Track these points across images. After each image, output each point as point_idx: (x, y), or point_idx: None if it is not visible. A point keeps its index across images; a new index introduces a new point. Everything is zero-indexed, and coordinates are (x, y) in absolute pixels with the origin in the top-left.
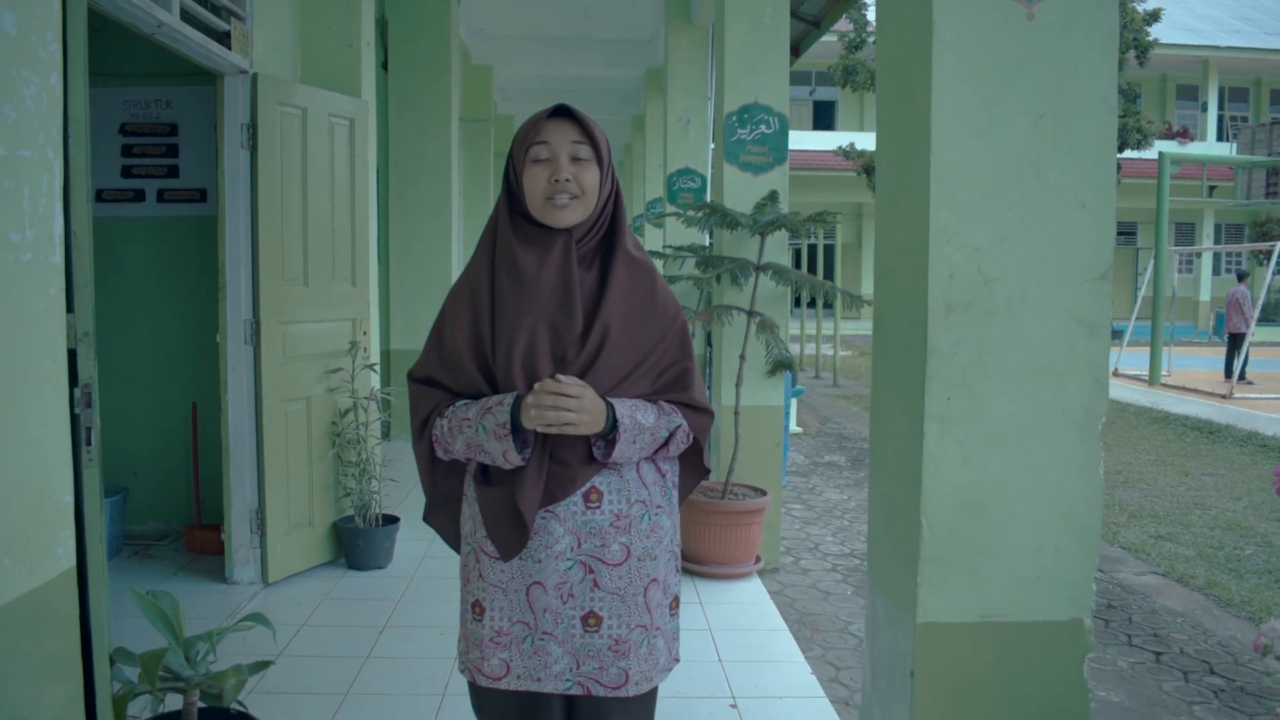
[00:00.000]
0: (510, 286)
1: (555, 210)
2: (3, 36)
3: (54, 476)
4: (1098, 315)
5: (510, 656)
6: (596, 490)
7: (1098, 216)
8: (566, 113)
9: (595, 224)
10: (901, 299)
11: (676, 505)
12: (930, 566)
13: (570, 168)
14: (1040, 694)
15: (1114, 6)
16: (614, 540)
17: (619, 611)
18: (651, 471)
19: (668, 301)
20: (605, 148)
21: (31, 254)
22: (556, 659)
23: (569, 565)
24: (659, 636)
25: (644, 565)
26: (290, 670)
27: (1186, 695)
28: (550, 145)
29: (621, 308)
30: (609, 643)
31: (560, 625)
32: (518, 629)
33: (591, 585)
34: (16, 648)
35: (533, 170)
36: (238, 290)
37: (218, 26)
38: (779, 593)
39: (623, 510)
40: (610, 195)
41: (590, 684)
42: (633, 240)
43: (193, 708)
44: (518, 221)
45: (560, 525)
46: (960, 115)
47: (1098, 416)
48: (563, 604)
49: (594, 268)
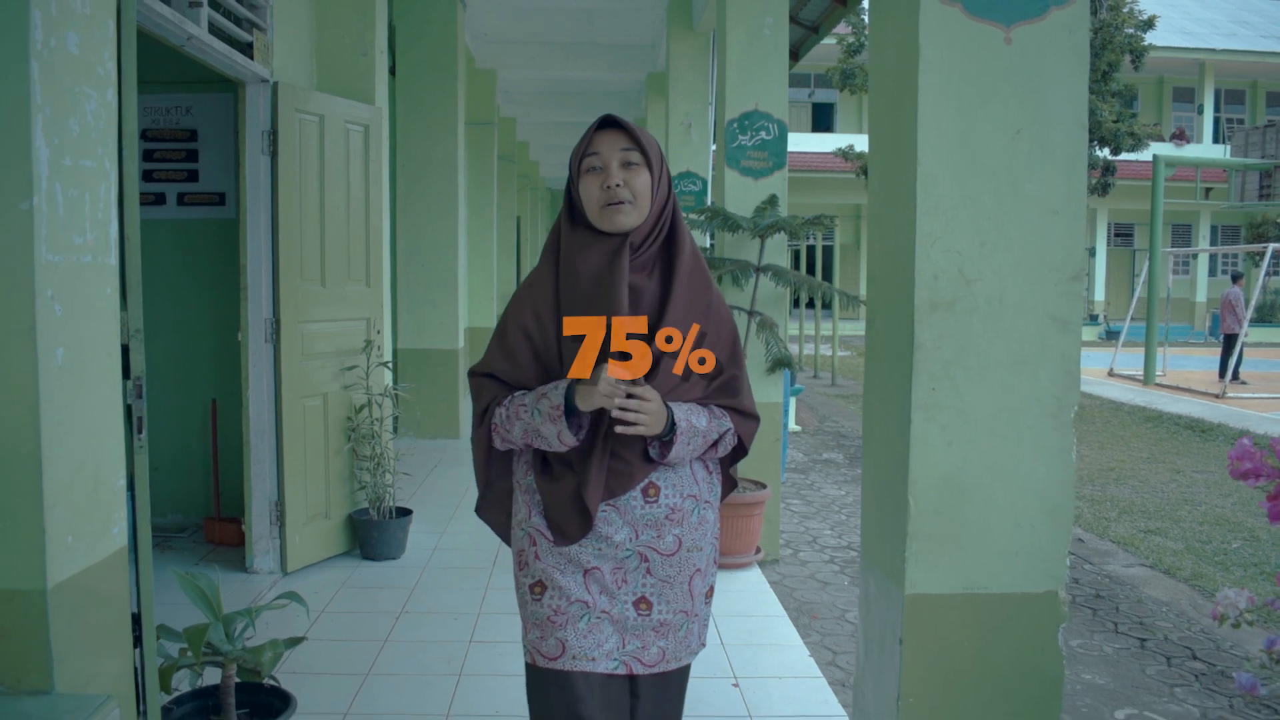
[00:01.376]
0: (571, 289)
1: (610, 216)
2: (67, 56)
3: (110, 462)
4: (1069, 313)
5: (566, 636)
6: (655, 486)
7: (1069, 223)
8: (615, 123)
9: (654, 230)
10: (891, 298)
11: (719, 501)
12: (917, 542)
13: (620, 174)
14: (1018, 660)
15: (1085, 33)
16: (668, 532)
17: (667, 597)
18: (701, 469)
19: (722, 309)
20: (656, 155)
21: (92, 256)
22: (608, 637)
23: (627, 554)
24: (695, 622)
25: (691, 556)
26: (313, 653)
27: (1168, 678)
28: (601, 155)
29: (681, 315)
30: (655, 625)
31: (615, 607)
32: (575, 608)
33: (645, 573)
34: (77, 620)
35: (587, 180)
36: (259, 290)
37: (241, 38)
38: (778, 583)
39: (677, 504)
40: (667, 202)
41: (632, 663)
42: (692, 248)
43: (230, 680)
44: (578, 230)
45: (620, 517)
46: (944, 131)
47: (1070, 405)
48: (617, 589)
49: (655, 274)
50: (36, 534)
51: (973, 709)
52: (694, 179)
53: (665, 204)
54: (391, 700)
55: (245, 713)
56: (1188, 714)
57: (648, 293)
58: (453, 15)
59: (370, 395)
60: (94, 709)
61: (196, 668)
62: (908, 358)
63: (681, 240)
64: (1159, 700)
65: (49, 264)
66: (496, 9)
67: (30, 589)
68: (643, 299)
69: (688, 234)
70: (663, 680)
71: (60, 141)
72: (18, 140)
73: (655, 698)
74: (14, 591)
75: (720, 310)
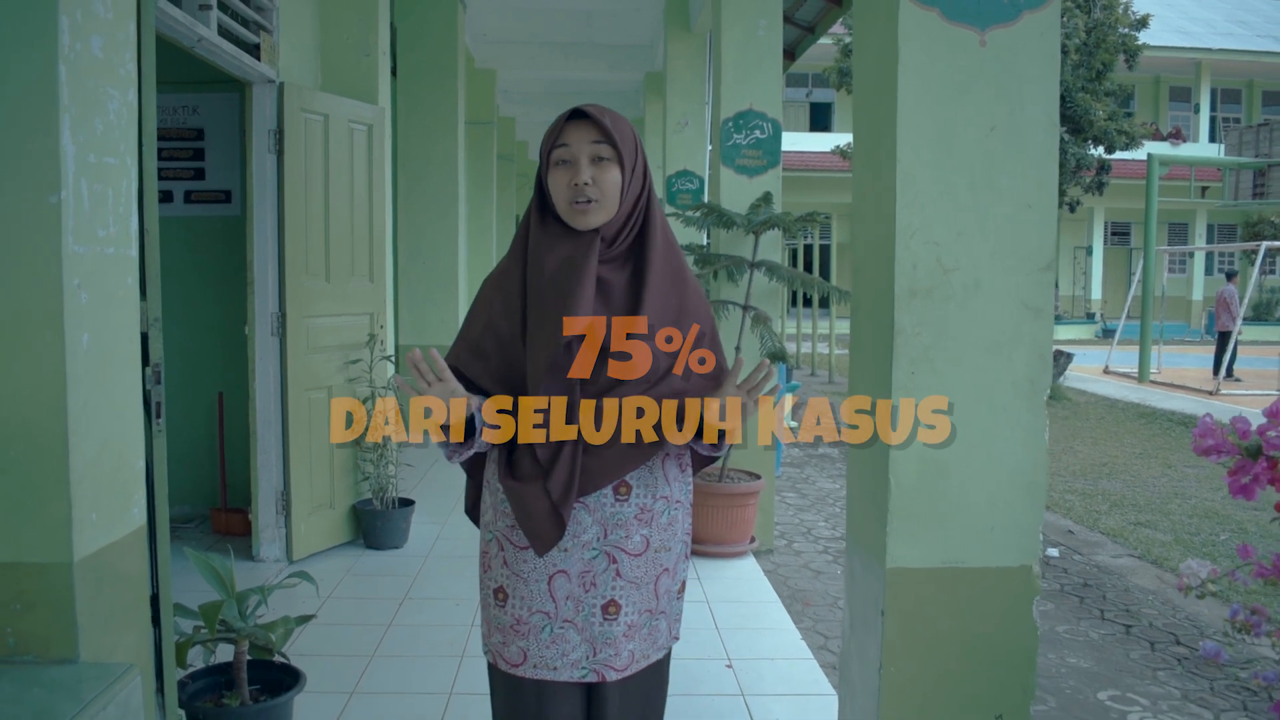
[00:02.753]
0: (539, 283)
1: (577, 213)
2: (92, 59)
3: (130, 444)
4: (1042, 300)
5: (528, 645)
6: (626, 484)
7: (1041, 216)
8: (585, 114)
9: (627, 224)
10: (873, 286)
11: (690, 500)
12: (897, 519)
13: (589, 170)
14: (994, 631)
15: (1056, 35)
16: (636, 532)
17: (635, 599)
18: (675, 468)
19: (699, 303)
20: (629, 148)
21: (114, 248)
22: (574, 646)
23: (594, 555)
24: (663, 619)
25: (659, 556)
26: (320, 635)
27: (1152, 663)
28: (570, 148)
29: (655, 310)
30: (624, 629)
31: (581, 613)
32: (537, 618)
33: (614, 575)
34: (100, 594)
35: (555, 173)
36: (265, 285)
37: (248, 39)
38: (773, 571)
39: (647, 504)
40: (641, 195)
41: (605, 670)
42: (667, 242)
43: (243, 656)
44: (548, 221)
45: (589, 515)
46: (922, 128)
47: (1042, 388)
48: (585, 592)
49: (628, 268)
50: (63, 511)
51: (951, 677)
52: (691, 177)
53: (639, 197)
54: (396, 680)
55: (256, 688)
56: (1169, 695)
57: (619, 287)
58: (453, 16)
59: (374, 388)
60: (117, 677)
61: (210, 644)
62: (888, 343)
63: (654, 234)
64: (1141, 683)
65: (75, 255)
66: (496, 10)
67: (57, 562)
68: (614, 294)
69: (663, 226)
70: (630, 683)
71: (86, 139)
72: (47, 138)
73: (632, 695)
74: (41, 565)
75: (698, 304)
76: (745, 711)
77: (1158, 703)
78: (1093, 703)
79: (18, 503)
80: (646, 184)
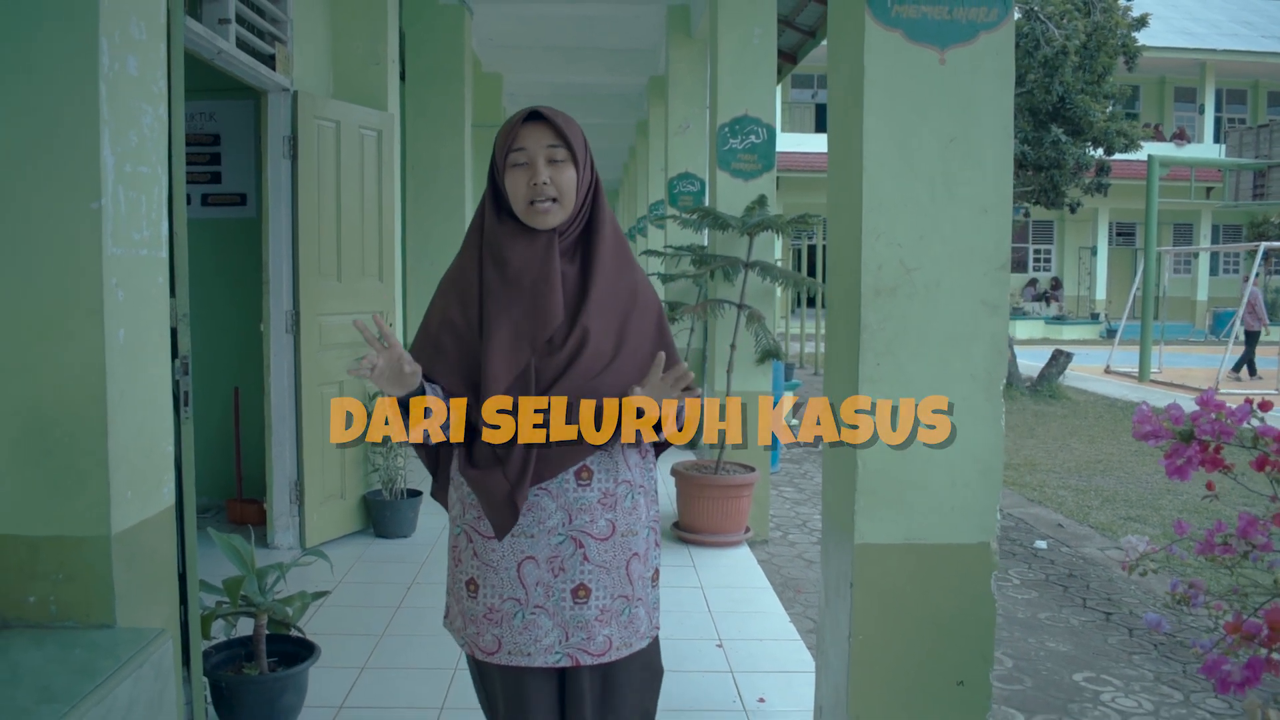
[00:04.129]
0: (497, 281)
1: (536, 214)
2: (128, 77)
3: (161, 430)
4: (998, 297)
5: (501, 633)
6: (588, 469)
7: (997, 219)
8: (541, 116)
9: (575, 218)
10: (843, 285)
11: (655, 485)
12: (864, 498)
13: (546, 171)
14: (954, 603)
15: (1010, 54)
16: (601, 516)
17: (605, 583)
18: (635, 454)
19: (646, 291)
20: (581, 146)
21: (147, 249)
22: (546, 632)
23: (560, 540)
24: (640, 606)
25: (627, 540)
26: (332, 616)
27: (1128, 647)
28: (527, 150)
29: (603, 299)
30: (595, 613)
31: (551, 598)
32: (509, 605)
33: (581, 559)
34: (134, 566)
35: (513, 175)
36: (280, 285)
37: (264, 50)
38: (766, 561)
39: (609, 489)
40: (589, 190)
41: (579, 654)
42: (613, 230)
43: (262, 630)
44: (504, 220)
45: (552, 501)
46: (886, 139)
47: (998, 378)
48: (554, 577)
49: (576, 260)
50: (102, 489)
51: (915, 645)
52: (692, 179)
53: (588, 191)
54: (405, 656)
55: (274, 660)
56: (1142, 677)
57: (569, 278)
58: (460, 22)
59: None
60: (151, 640)
61: (231, 618)
62: (856, 337)
63: (602, 225)
64: (1116, 665)
65: (113, 256)
66: (503, 16)
67: (96, 536)
68: (566, 284)
69: (610, 217)
70: (621, 669)
71: (122, 151)
72: (89, 150)
73: (618, 685)
74: (82, 538)
75: (646, 291)
76: (733, 687)
77: (1130, 684)
78: (1068, 683)
79: (61, 482)
80: (594, 177)
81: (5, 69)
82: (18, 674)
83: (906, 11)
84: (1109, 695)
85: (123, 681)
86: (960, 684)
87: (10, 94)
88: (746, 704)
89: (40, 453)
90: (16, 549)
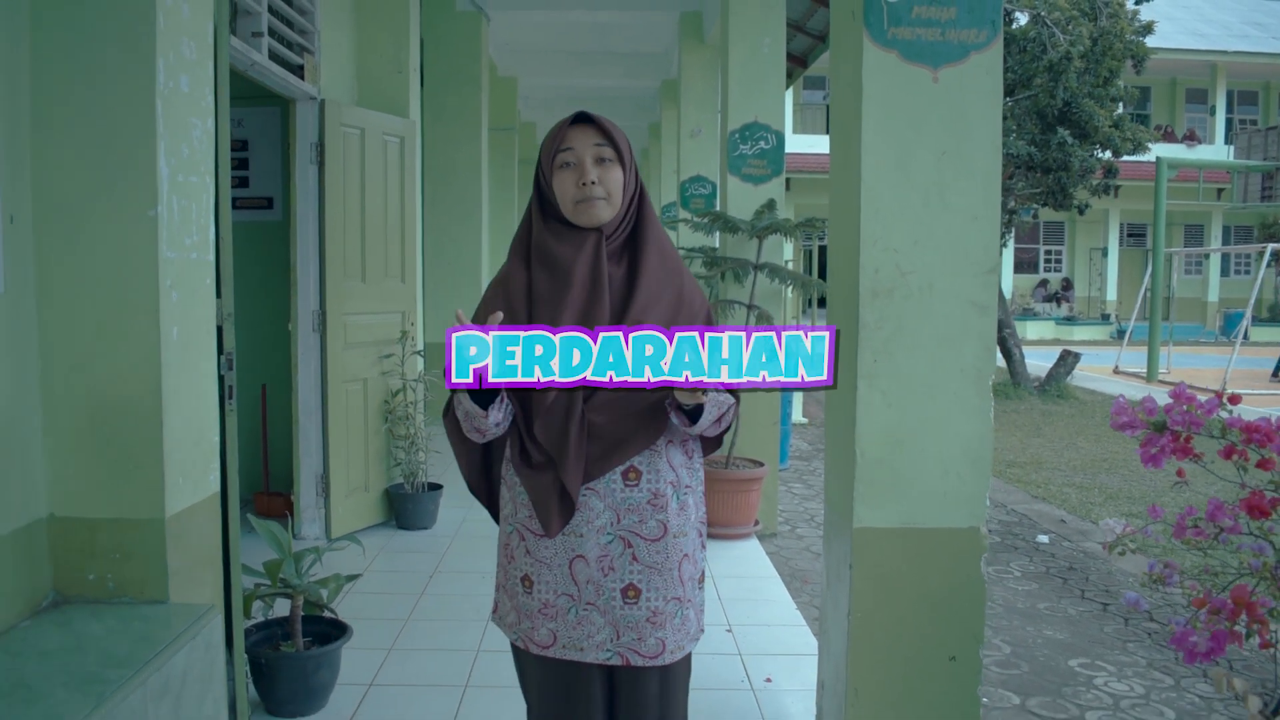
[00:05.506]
0: (545, 282)
1: (585, 211)
2: (180, 94)
3: (208, 421)
4: (987, 299)
5: (557, 627)
6: (635, 470)
7: (986, 227)
8: (587, 118)
9: (622, 221)
10: (843, 287)
11: (702, 486)
12: (863, 485)
13: (595, 170)
14: (946, 584)
15: (998, 73)
16: (651, 517)
17: (656, 584)
18: (679, 454)
19: (694, 293)
20: (627, 148)
21: (197, 253)
22: (599, 629)
23: (609, 540)
24: (690, 608)
25: (678, 541)
26: (359, 602)
27: (1123, 636)
28: (575, 150)
29: (649, 300)
30: (647, 614)
31: (602, 596)
32: (563, 601)
33: (630, 559)
34: (185, 547)
35: (560, 175)
36: (307, 285)
37: (293, 61)
38: (775, 553)
39: (659, 489)
40: (635, 193)
41: (629, 654)
42: (660, 235)
43: (298, 609)
44: (551, 223)
45: (600, 501)
46: (883, 152)
47: (987, 374)
48: (604, 576)
49: (623, 263)
50: (157, 475)
51: (910, 623)
52: (704, 182)
53: (634, 195)
54: (429, 639)
55: (309, 639)
56: (1135, 663)
57: (615, 280)
58: (477, 28)
59: (405, 381)
60: (202, 614)
61: (269, 600)
62: (854, 335)
63: (648, 228)
64: (1110, 653)
65: (168, 259)
66: (519, 22)
67: (152, 518)
68: (613, 287)
69: (655, 221)
70: (674, 670)
71: (176, 162)
72: (146, 161)
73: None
74: (139, 521)
75: (693, 293)
76: (742, 668)
77: (1124, 669)
78: (1063, 669)
79: (119, 469)
80: (639, 182)
81: (72, 89)
82: (83, 643)
83: (901, 33)
84: (1102, 680)
85: (178, 651)
86: (952, 659)
87: (76, 111)
88: (754, 684)
89: (101, 442)
90: (77, 530)
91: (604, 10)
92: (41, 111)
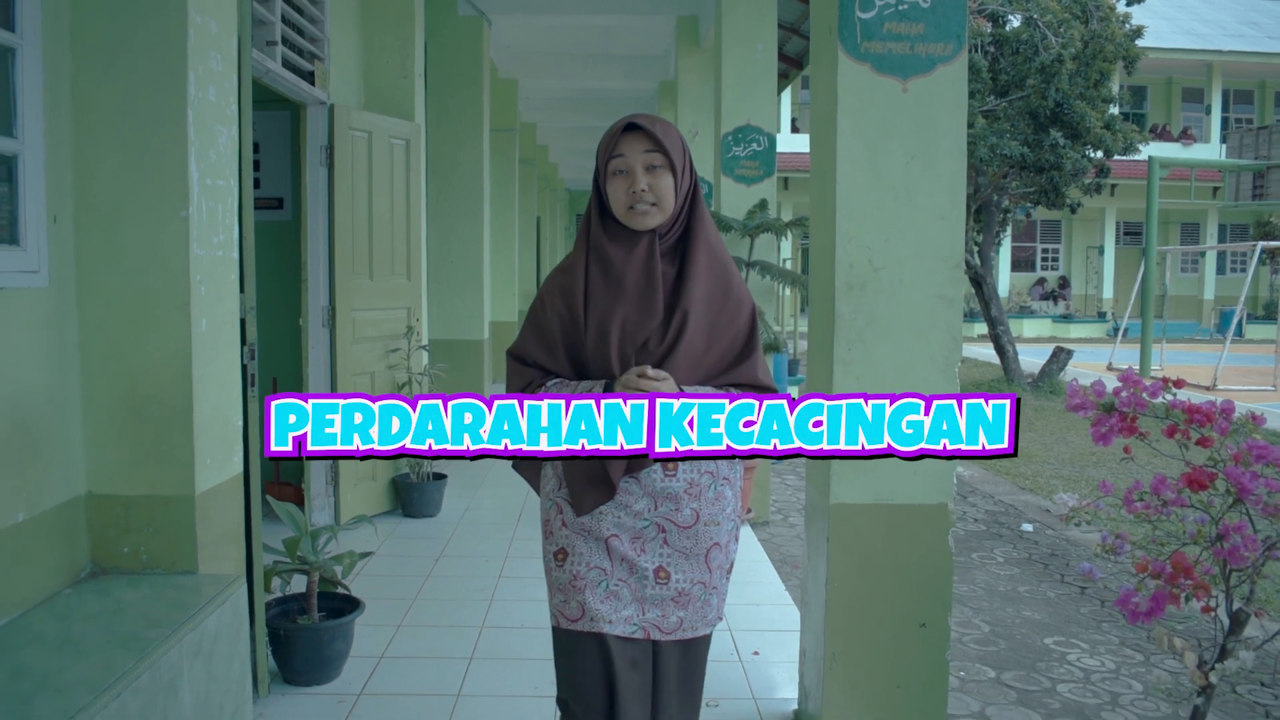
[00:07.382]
0: (600, 280)
1: (636, 216)
2: (209, 104)
3: (233, 406)
4: (953, 293)
5: (585, 600)
6: (674, 461)
7: (951, 225)
8: (638, 126)
9: (675, 222)
10: (821, 281)
11: (739, 478)
12: (839, 464)
13: (645, 178)
14: (917, 555)
15: (963, 83)
16: (686, 505)
17: (685, 568)
18: None
19: (741, 293)
20: (678, 153)
21: (223, 251)
22: (626, 604)
23: (645, 524)
24: (714, 595)
25: (709, 530)
26: (369, 583)
27: (1098, 616)
28: (626, 158)
29: (697, 299)
30: (673, 594)
31: (634, 575)
32: (594, 574)
33: (662, 543)
34: (211, 523)
35: (614, 181)
36: (317, 282)
37: (304, 68)
38: (767, 540)
39: (694, 479)
40: (688, 194)
41: (651, 629)
42: (710, 234)
43: (314, 584)
44: (607, 223)
45: (640, 488)
46: (856, 156)
47: (954, 362)
48: (637, 556)
49: (675, 262)
50: (188, 455)
51: (883, 592)
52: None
53: (687, 196)
54: (436, 616)
55: (323, 614)
56: (1108, 641)
57: (667, 278)
58: (479, 31)
59: (411, 374)
60: (229, 584)
61: (286, 576)
62: (830, 326)
63: (701, 228)
64: (1085, 631)
65: (198, 257)
66: (520, 25)
67: (183, 495)
68: (664, 284)
69: (708, 220)
70: (683, 648)
71: (204, 167)
72: (178, 167)
73: (677, 664)
74: (171, 497)
75: (740, 294)
76: (731, 643)
77: (1096, 647)
78: (1039, 646)
79: (153, 449)
80: (693, 182)
81: (110, 99)
82: (122, 607)
83: (874, 47)
84: (1075, 656)
85: (209, 615)
86: (923, 626)
87: (114, 120)
88: (743, 656)
89: (135, 424)
90: (114, 506)
91: (602, 14)
92: (82, 120)
